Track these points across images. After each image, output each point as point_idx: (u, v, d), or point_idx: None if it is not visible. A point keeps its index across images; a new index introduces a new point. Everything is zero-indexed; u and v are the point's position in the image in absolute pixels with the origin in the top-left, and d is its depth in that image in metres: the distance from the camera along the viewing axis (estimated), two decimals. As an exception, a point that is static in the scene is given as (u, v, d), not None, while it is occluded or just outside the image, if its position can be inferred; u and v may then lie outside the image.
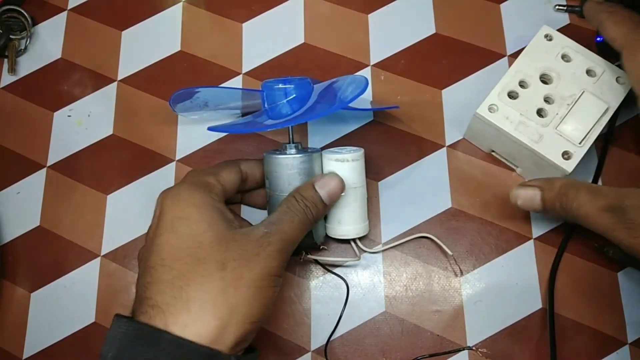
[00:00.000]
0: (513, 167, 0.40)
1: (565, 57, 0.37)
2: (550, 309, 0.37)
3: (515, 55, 0.43)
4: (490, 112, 0.36)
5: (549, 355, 0.36)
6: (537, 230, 0.39)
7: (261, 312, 0.29)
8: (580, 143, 0.35)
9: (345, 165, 0.35)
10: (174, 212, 0.30)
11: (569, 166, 0.35)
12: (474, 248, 0.39)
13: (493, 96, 0.36)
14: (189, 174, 0.35)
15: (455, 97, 0.42)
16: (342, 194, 0.35)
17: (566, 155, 0.35)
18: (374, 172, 0.41)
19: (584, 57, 0.37)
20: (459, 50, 0.43)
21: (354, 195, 0.36)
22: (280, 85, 0.36)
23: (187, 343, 0.27)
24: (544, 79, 0.37)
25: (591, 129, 0.35)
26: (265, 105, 0.37)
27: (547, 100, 0.36)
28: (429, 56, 0.43)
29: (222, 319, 0.27)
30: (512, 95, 0.36)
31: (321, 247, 0.38)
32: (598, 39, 0.41)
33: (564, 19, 0.44)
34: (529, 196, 0.34)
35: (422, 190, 0.40)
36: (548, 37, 0.37)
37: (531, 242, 0.39)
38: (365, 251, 0.39)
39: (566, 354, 0.37)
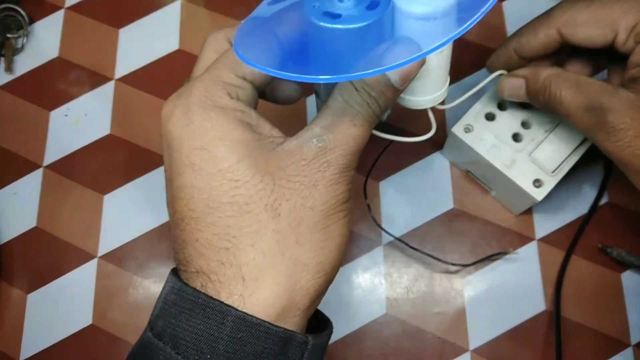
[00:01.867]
0: (487, 189, 0.40)
1: None
2: (556, 311, 0.36)
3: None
4: (466, 132, 0.36)
5: (552, 357, 0.36)
6: (541, 232, 0.39)
7: (334, 257, 0.23)
8: (553, 172, 0.34)
9: (431, 26, 0.22)
10: (188, 142, 0.22)
11: (539, 194, 0.34)
12: (476, 249, 0.39)
13: (469, 116, 0.36)
14: (199, 61, 0.25)
15: (453, 92, 0.42)
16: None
17: (537, 183, 0.34)
18: (374, 172, 0.40)
19: None
20: (459, 49, 0.43)
21: (437, 61, 0.26)
22: None
23: (259, 322, 0.21)
24: (524, 103, 0.36)
25: (566, 158, 0.34)
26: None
27: (524, 124, 0.35)
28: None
29: (287, 283, 0.22)
30: (489, 116, 0.36)
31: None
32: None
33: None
34: (513, 86, 0.32)
35: (424, 190, 0.40)
36: None
37: (534, 243, 0.38)
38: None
39: (569, 355, 0.36)
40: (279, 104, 0.27)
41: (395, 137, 0.28)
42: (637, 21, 0.27)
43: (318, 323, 0.25)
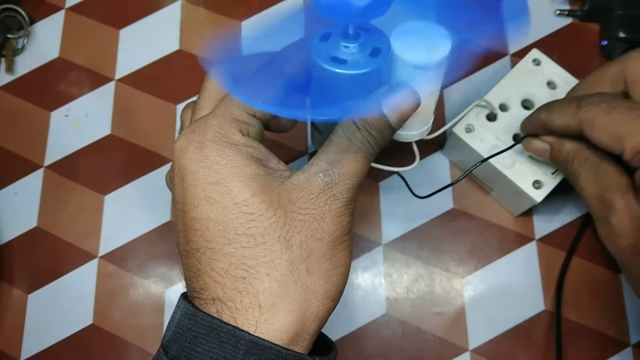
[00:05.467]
0: (487, 189, 0.40)
1: (550, 84, 0.36)
2: (557, 311, 0.36)
3: (518, 54, 0.42)
4: (467, 132, 0.36)
5: (552, 357, 0.36)
6: (540, 232, 0.39)
7: (340, 284, 0.24)
8: (552, 174, 0.34)
9: (426, 74, 0.25)
10: (204, 177, 0.23)
11: (539, 196, 0.34)
12: (476, 249, 0.39)
13: (471, 116, 0.36)
14: (204, 93, 0.26)
15: (456, 94, 0.42)
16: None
17: (537, 184, 0.34)
18: (374, 172, 0.40)
19: (569, 86, 0.35)
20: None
21: (427, 103, 0.28)
22: None
23: (271, 345, 0.22)
24: (526, 104, 0.36)
25: None
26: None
27: None
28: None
29: (299, 309, 0.23)
30: (490, 117, 0.36)
31: None
32: (603, 42, 0.41)
33: (567, 18, 0.43)
34: (539, 149, 0.32)
35: (423, 190, 0.40)
36: (536, 62, 0.37)
37: (534, 243, 0.38)
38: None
39: (569, 355, 0.36)
40: (273, 132, 0.29)
41: (384, 167, 0.30)
42: None
43: (319, 342, 0.26)
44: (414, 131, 0.30)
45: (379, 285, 0.38)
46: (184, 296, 0.25)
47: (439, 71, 0.25)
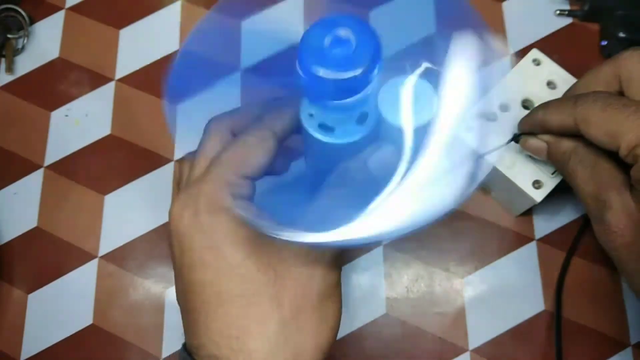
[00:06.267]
0: (487, 189, 0.39)
1: (550, 84, 0.36)
2: (557, 312, 0.36)
3: (518, 54, 0.42)
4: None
5: (552, 357, 0.36)
6: (540, 232, 0.39)
7: (330, 337, 0.25)
8: (552, 174, 0.34)
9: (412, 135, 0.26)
10: (199, 241, 0.25)
11: (539, 196, 0.34)
12: (476, 249, 0.39)
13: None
14: (201, 150, 0.27)
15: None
16: None
17: (537, 184, 0.34)
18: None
19: (569, 86, 0.35)
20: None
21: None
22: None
23: None
24: (526, 105, 0.36)
25: None
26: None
27: None
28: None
29: None
30: (490, 117, 0.36)
31: None
32: (603, 42, 0.41)
33: (567, 18, 0.43)
34: (537, 148, 0.33)
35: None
36: (536, 62, 0.36)
37: (534, 243, 0.38)
38: None
39: (568, 355, 0.36)
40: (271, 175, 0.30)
41: None
42: (638, 143, 0.27)
43: None
44: None
45: (378, 286, 0.38)
46: (184, 347, 0.26)
47: (424, 132, 0.25)
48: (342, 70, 0.20)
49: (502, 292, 0.38)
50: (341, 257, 0.26)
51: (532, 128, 0.33)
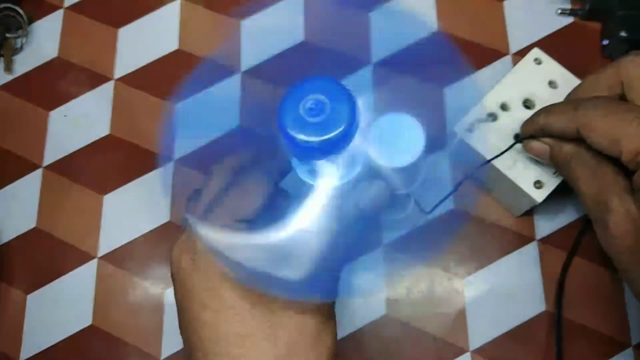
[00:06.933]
0: (488, 189, 0.39)
1: (552, 84, 0.36)
2: (558, 312, 0.36)
3: (519, 53, 0.42)
4: (468, 132, 0.35)
5: (552, 357, 0.36)
6: (541, 232, 0.39)
7: None
8: (554, 174, 0.34)
9: (403, 173, 0.27)
10: (198, 283, 0.26)
11: (540, 196, 0.34)
12: (477, 249, 0.38)
13: (471, 116, 0.36)
14: (205, 191, 0.28)
15: (456, 94, 0.42)
16: None
17: (538, 184, 0.34)
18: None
19: (571, 86, 0.35)
20: (460, 48, 0.43)
21: (407, 179, 0.29)
22: None
23: None
24: (527, 104, 0.36)
25: None
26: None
27: None
28: (429, 55, 0.43)
29: None
30: (491, 117, 0.36)
31: None
32: (604, 42, 0.41)
33: (568, 17, 0.43)
34: (539, 150, 0.33)
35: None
36: (537, 61, 0.36)
37: (535, 243, 0.38)
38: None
39: (569, 356, 0.36)
40: None
41: None
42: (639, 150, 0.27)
43: None
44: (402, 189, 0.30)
45: (378, 286, 0.38)
46: None
47: (416, 165, 0.27)
48: (319, 134, 0.22)
49: (503, 292, 0.38)
50: (335, 288, 0.27)
51: (534, 133, 0.33)
